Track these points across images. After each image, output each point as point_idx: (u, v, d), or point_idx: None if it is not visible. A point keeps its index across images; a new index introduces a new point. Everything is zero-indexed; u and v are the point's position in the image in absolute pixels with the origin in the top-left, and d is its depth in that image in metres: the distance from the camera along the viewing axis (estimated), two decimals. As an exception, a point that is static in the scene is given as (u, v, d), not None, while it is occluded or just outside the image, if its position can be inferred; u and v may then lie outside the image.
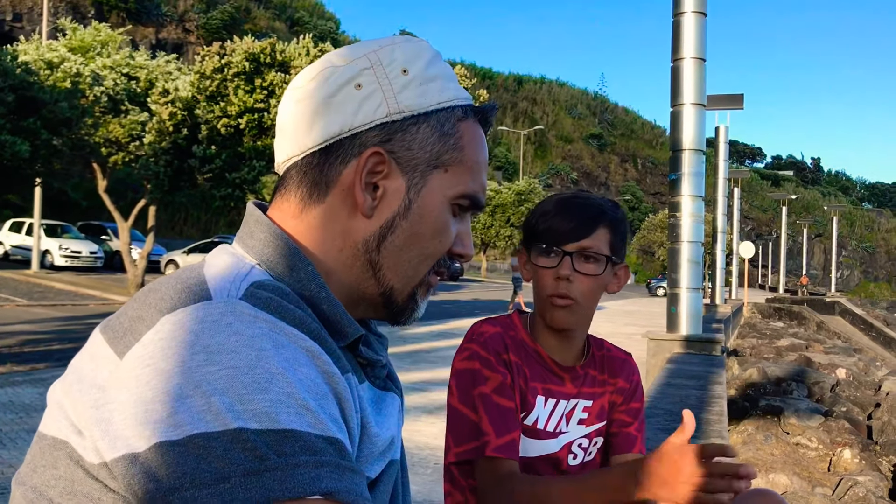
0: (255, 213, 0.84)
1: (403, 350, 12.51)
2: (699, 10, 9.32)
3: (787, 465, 7.30)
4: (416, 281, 0.86)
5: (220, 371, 0.64)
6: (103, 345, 0.71)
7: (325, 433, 0.65)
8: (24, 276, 24.34)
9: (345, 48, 0.86)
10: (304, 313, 0.73)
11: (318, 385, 0.68)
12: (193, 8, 57.22)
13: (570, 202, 1.48)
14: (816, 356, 16.00)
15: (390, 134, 0.81)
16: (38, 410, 7.42)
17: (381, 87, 0.81)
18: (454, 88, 0.86)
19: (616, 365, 1.58)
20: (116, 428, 0.65)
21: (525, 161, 75.70)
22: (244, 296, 0.72)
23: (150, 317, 0.70)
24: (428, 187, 0.83)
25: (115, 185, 24.34)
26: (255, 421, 0.62)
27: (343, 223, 0.82)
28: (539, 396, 1.47)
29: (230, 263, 0.78)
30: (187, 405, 0.63)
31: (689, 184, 9.25)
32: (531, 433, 1.46)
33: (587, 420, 1.51)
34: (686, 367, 7.68)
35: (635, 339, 14.60)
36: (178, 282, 0.74)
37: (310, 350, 0.69)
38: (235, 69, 20.34)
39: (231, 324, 0.67)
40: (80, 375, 0.71)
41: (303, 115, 0.82)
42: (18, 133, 14.99)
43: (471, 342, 1.46)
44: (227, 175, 20.82)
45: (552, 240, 1.44)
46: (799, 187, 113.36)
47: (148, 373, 0.65)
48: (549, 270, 1.45)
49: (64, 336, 13.40)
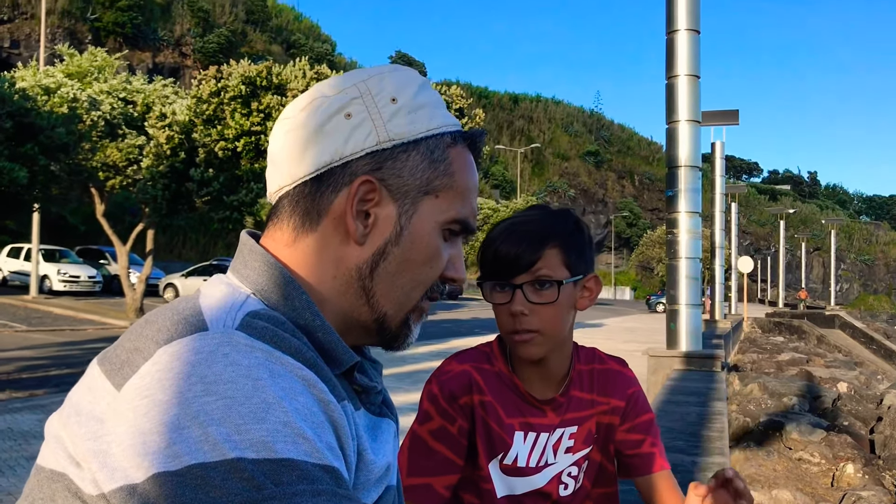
0: (249, 242, 0.84)
1: (403, 370, 12.49)
2: (692, 27, 9.38)
3: (790, 480, 7.27)
4: (410, 306, 0.86)
5: (217, 401, 0.64)
6: (101, 377, 0.72)
7: (321, 462, 0.65)
8: (23, 301, 24.30)
9: (335, 78, 0.87)
10: (299, 342, 0.74)
11: (315, 414, 0.68)
12: (190, 32, 57.52)
13: (515, 227, 1.37)
14: (817, 370, 15.98)
15: (381, 162, 0.82)
16: (37, 437, 7.39)
17: (370, 115, 0.82)
18: (443, 116, 0.87)
19: (608, 381, 1.47)
20: (114, 459, 0.65)
21: (522, 179, 75.87)
22: (240, 326, 0.72)
23: (146, 348, 0.70)
24: (419, 213, 0.84)
25: (113, 209, 24.39)
26: (253, 451, 0.63)
27: (336, 251, 0.82)
28: (517, 433, 1.39)
29: (226, 293, 0.78)
30: (184, 436, 0.63)
31: (685, 200, 9.27)
32: (512, 471, 1.40)
33: (574, 447, 1.43)
34: (686, 384, 7.67)
35: (635, 355, 14.57)
36: (175, 313, 0.74)
37: (305, 379, 0.70)
38: (232, 92, 20.45)
39: (227, 354, 0.68)
40: (78, 408, 0.71)
41: (294, 144, 0.83)
42: (16, 159, 15.03)
43: (434, 377, 1.40)
44: (225, 198, 20.87)
45: (499, 273, 1.35)
46: (796, 201, 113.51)
47: (145, 404, 0.66)
48: (504, 307, 1.35)
49: (62, 362, 13.37)
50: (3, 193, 14.98)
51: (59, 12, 47.34)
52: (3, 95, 15.30)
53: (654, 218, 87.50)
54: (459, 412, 1.36)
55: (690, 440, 4.73)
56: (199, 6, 58.91)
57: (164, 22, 56.34)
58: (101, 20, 50.07)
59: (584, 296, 1.41)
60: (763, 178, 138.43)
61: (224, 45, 56.02)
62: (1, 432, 7.57)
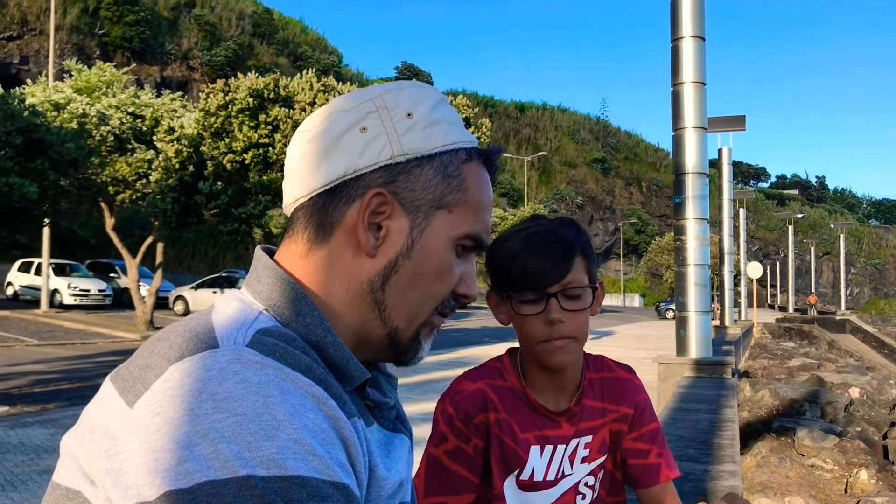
0: (263, 258, 0.85)
1: (413, 381, 12.48)
2: (697, 34, 9.39)
3: (803, 487, 7.22)
4: (421, 321, 0.86)
5: (228, 419, 0.65)
6: (114, 394, 0.73)
7: (332, 478, 0.66)
8: (34, 315, 24.41)
9: (352, 93, 0.88)
10: (309, 359, 0.74)
11: (325, 430, 0.69)
12: (197, 45, 57.82)
13: (538, 238, 1.39)
14: (829, 376, 15.89)
15: (394, 175, 0.83)
16: (49, 452, 7.41)
17: (385, 130, 0.83)
18: (458, 132, 0.88)
19: (617, 388, 1.49)
20: (127, 477, 0.66)
21: (530, 187, 75.86)
22: (250, 343, 0.73)
23: (158, 365, 0.71)
24: (431, 228, 0.84)
25: (122, 222, 24.50)
26: (263, 468, 0.63)
27: (348, 263, 0.83)
28: (532, 447, 1.40)
29: (238, 309, 0.79)
30: (195, 453, 0.64)
31: (693, 207, 9.26)
32: (529, 487, 1.40)
33: (589, 457, 1.44)
34: (697, 392, 7.64)
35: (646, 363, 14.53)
36: (186, 330, 0.75)
37: (315, 396, 0.70)
38: (240, 105, 20.53)
39: (238, 371, 0.69)
40: (92, 425, 0.72)
41: (309, 157, 0.84)
42: (26, 175, 15.12)
43: (447, 396, 1.41)
44: (234, 210, 20.94)
45: (532, 284, 1.36)
46: (805, 206, 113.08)
47: (157, 421, 0.66)
48: (537, 317, 1.36)
49: (73, 375, 13.42)
50: (14, 208, 15.07)
51: (67, 28, 47.67)
52: (13, 112, 15.41)
53: (663, 224, 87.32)
54: (475, 431, 1.37)
55: (702, 448, 4.71)
56: (206, 20, 59.24)
57: (171, 36, 56.67)
58: (108, 35, 50.40)
59: (596, 303, 1.44)
60: (771, 183, 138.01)
61: (231, 58, 56.28)
62: (13, 446, 7.60)
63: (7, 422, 8.93)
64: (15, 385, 12.04)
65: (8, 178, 14.42)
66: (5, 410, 9.78)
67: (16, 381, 12.50)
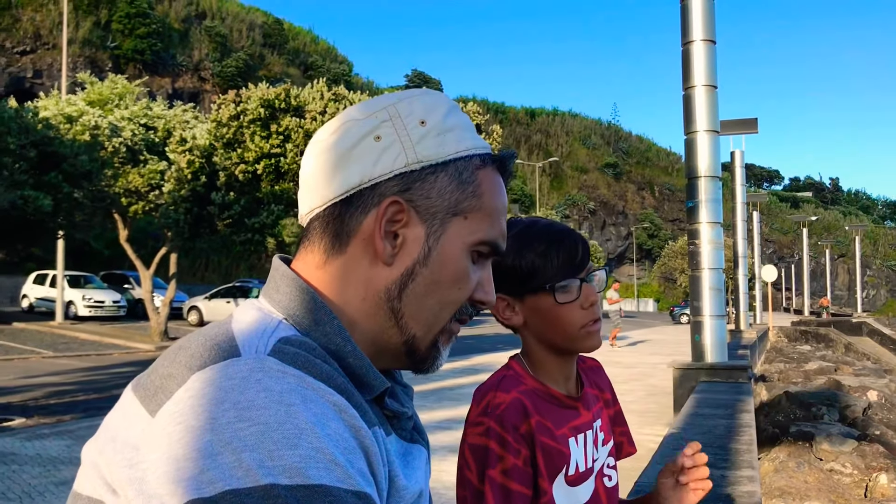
0: (281, 267, 0.85)
1: (427, 388, 12.47)
2: (708, 38, 9.36)
3: (822, 492, 7.16)
4: (438, 328, 0.86)
5: (250, 427, 0.65)
6: (135, 403, 0.73)
7: (354, 488, 0.66)
8: (49, 327, 24.57)
9: (365, 102, 0.88)
10: (330, 368, 0.74)
11: (347, 440, 0.69)
12: (208, 57, 58.19)
13: (554, 232, 1.45)
14: (846, 379, 15.76)
15: (409, 183, 0.83)
16: (66, 463, 7.45)
17: (399, 138, 0.83)
18: (472, 138, 0.88)
19: (596, 377, 1.61)
20: (150, 486, 0.66)
21: (541, 193, 75.82)
22: (272, 351, 0.73)
23: (180, 374, 0.71)
24: (447, 235, 0.84)
25: (136, 234, 24.64)
26: (286, 476, 0.63)
27: (365, 272, 0.83)
28: (570, 439, 1.42)
29: (257, 319, 0.79)
30: (218, 462, 0.64)
31: (706, 211, 9.22)
32: (576, 480, 1.41)
33: (605, 439, 1.52)
34: (713, 396, 7.60)
35: (660, 368, 14.47)
36: (207, 339, 0.75)
37: (337, 405, 0.70)
38: (251, 116, 20.63)
39: (260, 380, 0.69)
40: (114, 434, 0.72)
41: (324, 167, 0.84)
42: (41, 187, 15.23)
43: (485, 415, 1.37)
44: (247, 220, 21.02)
45: (567, 273, 1.42)
46: (818, 208, 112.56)
47: (179, 430, 0.66)
48: (573, 304, 1.42)
49: (89, 387, 13.48)
50: (29, 221, 15.17)
51: (79, 41, 48.10)
52: (27, 126, 15.53)
53: (676, 228, 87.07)
54: (522, 442, 1.36)
55: (719, 453, 4.68)
56: (216, 31, 59.64)
57: (182, 48, 57.09)
58: (120, 48, 50.82)
59: None
60: (784, 185, 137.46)
61: (242, 68, 56.63)
62: (30, 458, 7.63)
63: (23, 434, 8.97)
64: (31, 397, 12.10)
65: (23, 192, 14.53)
66: (21, 422, 9.83)
67: (32, 392, 12.57)
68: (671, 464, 1.43)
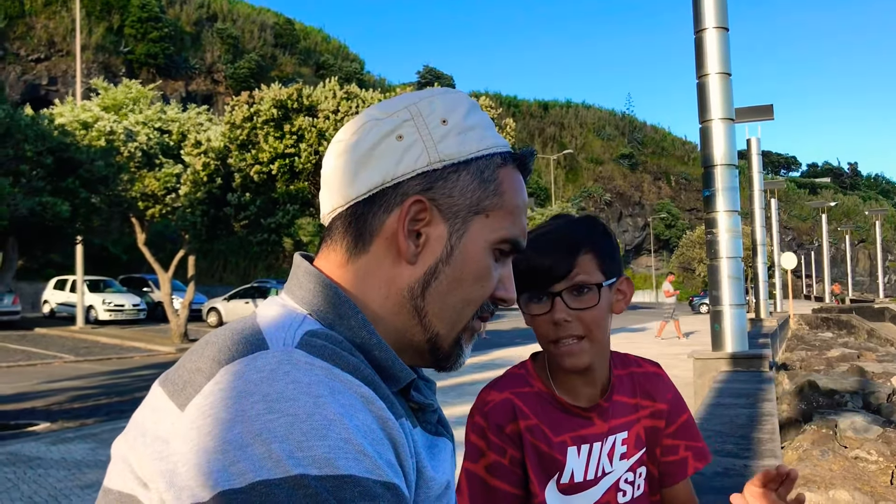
0: (304, 264, 0.86)
1: (447, 384, 12.48)
2: (721, 25, 9.29)
3: (848, 480, 7.11)
4: (461, 326, 0.87)
5: (280, 419, 0.66)
6: (163, 398, 0.74)
7: (382, 478, 0.66)
8: (70, 332, 24.78)
9: (385, 102, 0.89)
10: (357, 360, 0.75)
11: (374, 431, 0.69)
12: (221, 59, 58.43)
13: (544, 237, 1.36)
14: (869, 365, 15.63)
15: (431, 182, 0.83)
16: (90, 466, 7.51)
17: (421, 137, 0.84)
18: (492, 136, 0.88)
19: (648, 384, 1.49)
20: (181, 479, 0.66)
21: (556, 186, 75.65)
22: (299, 344, 0.73)
23: (208, 368, 0.72)
24: (469, 233, 0.85)
25: (153, 237, 24.79)
26: (315, 467, 0.64)
27: (388, 271, 0.84)
28: (570, 448, 1.38)
29: (282, 314, 0.80)
30: (248, 454, 0.64)
31: (723, 199, 9.16)
32: (571, 489, 1.38)
33: (627, 453, 1.42)
34: (734, 386, 7.56)
35: (681, 358, 14.41)
36: (234, 333, 0.76)
37: (364, 396, 0.71)
38: (264, 116, 20.70)
39: (288, 372, 0.69)
40: (143, 429, 0.73)
41: (346, 167, 0.85)
42: (58, 194, 15.38)
43: (476, 410, 1.39)
44: (263, 220, 21.11)
45: (536, 283, 1.34)
46: (837, 194, 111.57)
47: (209, 423, 0.67)
48: (544, 317, 1.35)
49: (111, 390, 13.59)
50: (48, 227, 15.33)
51: (93, 48, 48.43)
52: (43, 133, 15.68)
53: (693, 218, 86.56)
54: (508, 441, 1.36)
55: (741, 443, 4.66)
56: (228, 33, 59.86)
57: (195, 51, 57.35)
58: (133, 53, 51.13)
59: (619, 298, 1.42)
60: (802, 172, 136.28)
61: (254, 69, 56.82)
62: (55, 462, 7.71)
63: (48, 438, 9.06)
64: (55, 401, 12.22)
65: (41, 198, 14.67)
66: (46, 427, 9.92)
67: (55, 397, 12.69)
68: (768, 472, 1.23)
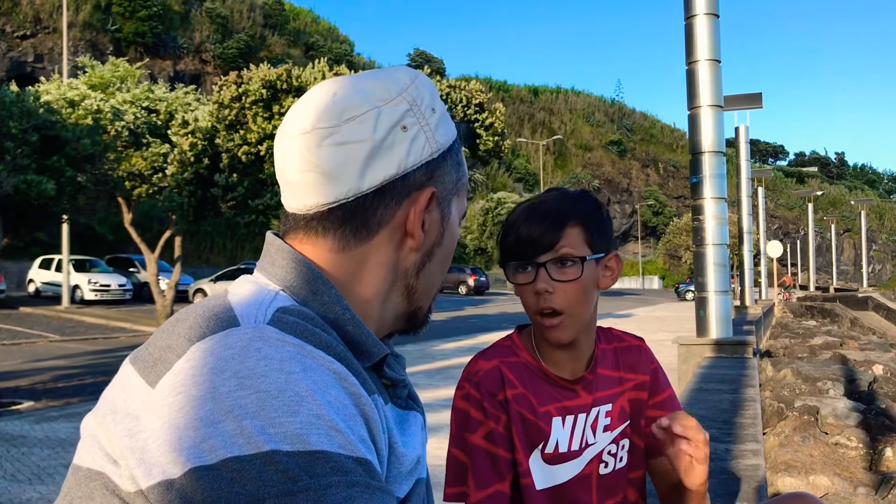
0: (276, 242, 0.85)
1: (433, 367, 12.52)
2: (711, 11, 9.29)
3: (827, 465, 7.18)
4: (435, 294, 0.91)
5: (251, 395, 0.65)
6: (134, 375, 0.73)
7: (354, 454, 0.66)
8: (56, 311, 24.67)
9: (373, 80, 0.85)
10: (329, 336, 0.75)
11: (347, 406, 0.69)
12: (209, 39, 57.94)
13: (534, 209, 1.39)
14: (852, 353, 15.76)
15: (432, 171, 0.85)
16: (74, 445, 7.45)
17: (422, 127, 0.84)
18: (452, 119, 0.91)
19: (631, 356, 1.51)
20: (151, 455, 0.66)
21: (545, 171, 75.63)
22: (271, 321, 0.73)
23: (179, 346, 0.72)
24: (452, 214, 0.89)
25: (140, 217, 24.68)
26: (287, 443, 0.64)
27: (388, 256, 0.85)
28: (554, 419, 1.40)
29: (254, 291, 0.80)
30: (219, 430, 0.64)
31: (710, 186, 9.19)
32: (555, 459, 1.40)
33: (611, 425, 1.45)
34: (718, 372, 7.62)
35: (666, 344, 14.49)
36: (206, 310, 0.75)
37: (337, 372, 0.71)
38: (253, 97, 20.59)
39: (260, 349, 0.69)
40: (113, 406, 0.73)
41: (354, 158, 0.81)
42: (44, 172, 15.23)
43: (466, 380, 1.40)
44: (250, 202, 21.04)
45: (523, 253, 1.37)
46: (824, 183, 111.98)
47: (180, 400, 0.67)
48: (528, 287, 1.37)
49: (96, 370, 13.55)
50: (33, 206, 15.20)
51: (80, 25, 47.90)
52: (28, 110, 15.52)
53: (680, 205, 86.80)
54: (500, 408, 1.38)
55: (723, 427, 4.69)
56: (217, 13, 59.34)
57: (183, 30, 56.82)
58: (121, 31, 50.61)
59: (606, 275, 1.43)
60: (789, 161, 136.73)
61: (243, 50, 56.38)
62: (39, 441, 7.69)
63: (32, 416, 9.04)
64: (39, 380, 12.18)
65: (26, 176, 14.53)
66: (30, 405, 9.90)
67: (40, 376, 12.65)
68: None
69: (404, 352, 1.00)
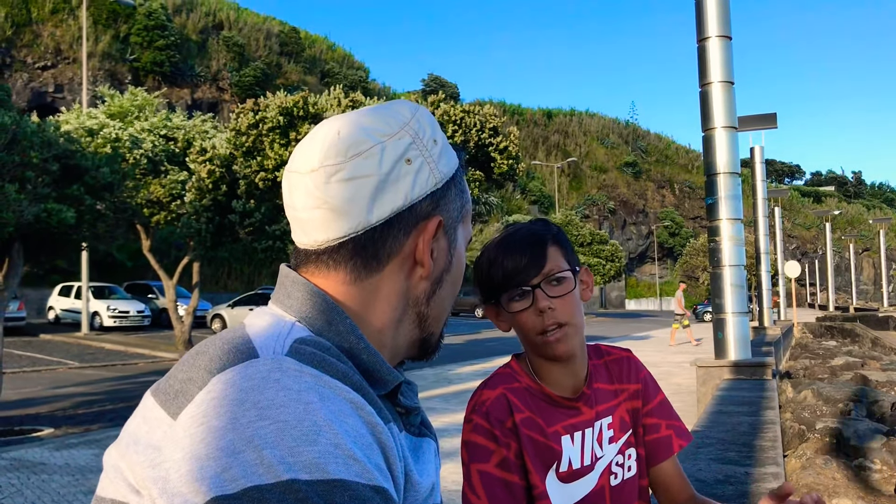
0: (291, 274, 0.87)
1: (449, 391, 12.48)
2: (723, 34, 9.32)
3: (851, 489, 7.09)
4: (446, 320, 0.93)
5: (271, 425, 0.67)
6: (155, 407, 0.75)
7: (372, 482, 0.68)
8: (75, 338, 24.82)
9: (375, 115, 0.87)
10: (345, 366, 0.77)
11: (364, 436, 0.71)
12: (226, 67, 58.53)
13: (509, 240, 1.46)
14: (873, 374, 15.58)
15: (437, 201, 0.87)
16: (94, 472, 7.52)
17: (426, 159, 0.86)
18: (453, 148, 0.94)
19: (622, 368, 1.56)
20: (173, 485, 0.68)
21: (560, 193, 75.59)
22: (289, 352, 0.75)
23: (200, 378, 0.73)
24: (458, 240, 0.91)
25: (158, 244, 24.83)
26: (306, 472, 0.65)
27: (399, 286, 0.87)
28: (563, 437, 1.44)
29: (271, 323, 0.82)
30: (240, 460, 0.66)
31: (726, 207, 9.17)
32: (570, 477, 1.43)
33: (614, 436, 1.49)
34: (737, 394, 7.55)
35: (684, 366, 14.38)
36: (225, 343, 0.78)
37: (353, 402, 0.73)
38: (270, 124, 20.73)
39: (279, 379, 0.71)
40: (136, 437, 0.75)
41: (361, 193, 0.83)
42: (63, 200, 15.37)
43: (473, 413, 1.43)
44: (268, 228, 21.11)
45: (516, 282, 1.42)
46: (841, 202, 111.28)
47: (202, 431, 0.69)
48: (527, 311, 1.43)
49: (115, 396, 13.61)
50: (53, 234, 15.32)
51: (99, 55, 48.56)
52: (49, 140, 15.70)
53: (697, 226, 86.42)
54: (510, 435, 1.40)
55: (742, 450, 4.65)
56: (234, 41, 60.01)
57: (200, 58, 57.46)
58: (139, 60, 51.24)
59: (584, 288, 1.51)
60: (806, 180, 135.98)
61: (260, 77, 56.88)
62: (59, 468, 7.72)
63: (52, 443, 9.08)
64: (59, 407, 12.24)
65: (46, 205, 14.67)
66: (50, 432, 9.94)
67: (60, 403, 12.71)
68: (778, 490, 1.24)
69: (420, 376, 1.02)
